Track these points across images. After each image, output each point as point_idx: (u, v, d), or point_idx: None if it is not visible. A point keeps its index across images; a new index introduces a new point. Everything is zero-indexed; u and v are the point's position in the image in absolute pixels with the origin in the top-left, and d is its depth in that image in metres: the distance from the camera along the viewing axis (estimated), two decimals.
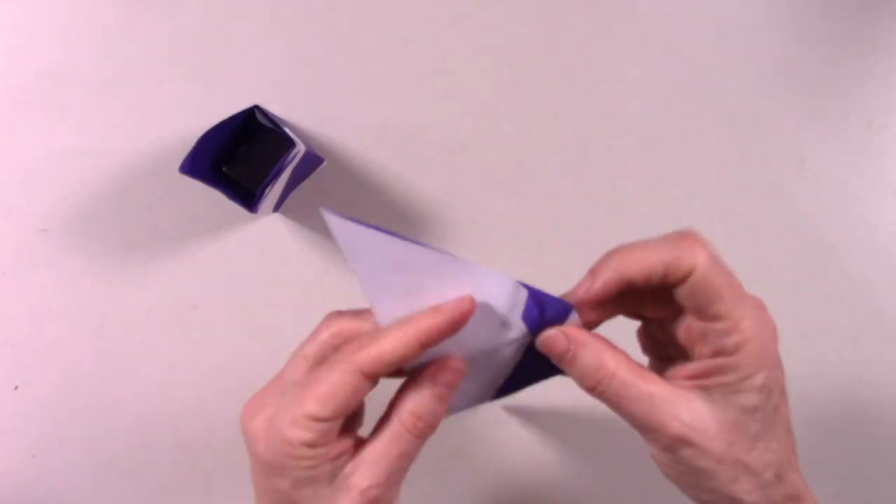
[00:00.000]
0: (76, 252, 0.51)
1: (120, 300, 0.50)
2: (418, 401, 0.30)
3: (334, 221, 0.29)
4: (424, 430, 0.30)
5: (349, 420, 0.31)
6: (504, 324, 0.31)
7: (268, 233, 0.51)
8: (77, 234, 0.51)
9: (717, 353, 0.29)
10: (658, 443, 0.30)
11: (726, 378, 0.29)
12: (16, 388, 0.50)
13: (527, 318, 0.31)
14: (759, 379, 0.29)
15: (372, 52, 0.51)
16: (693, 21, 0.52)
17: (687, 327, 0.31)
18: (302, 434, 0.29)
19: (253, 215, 0.50)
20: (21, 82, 0.51)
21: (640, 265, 0.30)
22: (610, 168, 0.51)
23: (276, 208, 0.51)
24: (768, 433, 0.30)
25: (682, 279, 0.30)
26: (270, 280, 0.51)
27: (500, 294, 0.30)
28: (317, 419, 0.29)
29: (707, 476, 0.30)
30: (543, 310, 0.31)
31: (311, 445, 0.29)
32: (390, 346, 0.29)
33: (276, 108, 0.51)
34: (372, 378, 0.29)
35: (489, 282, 0.30)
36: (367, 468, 0.30)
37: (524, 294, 0.30)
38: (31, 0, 0.51)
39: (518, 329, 0.31)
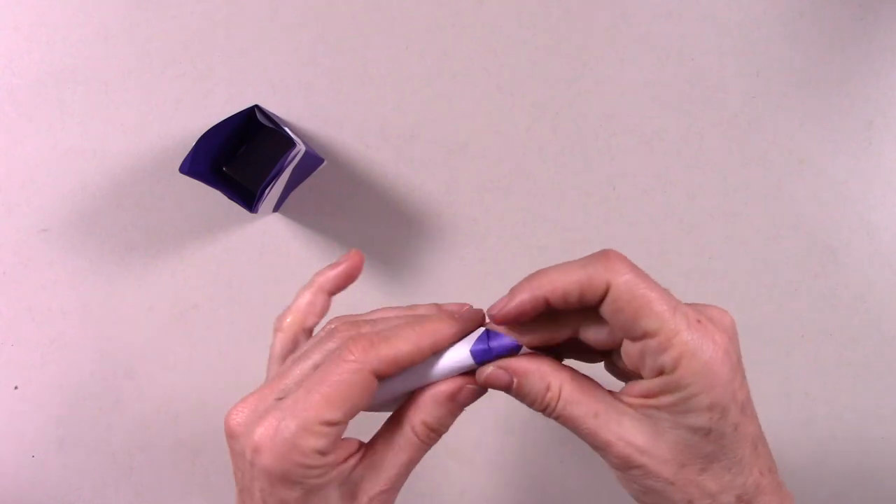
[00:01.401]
0: (76, 252, 0.51)
1: (120, 300, 0.50)
2: (434, 413, 0.30)
3: None
4: (435, 440, 0.31)
5: None
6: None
7: (268, 233, 0.51)
8: (77, 234, 0.51)
9: (659, 373, 0.28)
10: (608, 461, 0.29)
11: (671, 398, 0.28)
12: (16, 388, 0.50)
13: (475, 350, 0.31)
14: (705, 399, 0.27)
15: (372, 52, 0.51)
16: (693, 21, 0.52)
17: (626, 351, 0.29)
18: (314, 441, 0.27)
19: (253, 215, 0.50)
20: (21, 82, 0.51)
21: (554, 284, 0.29)
22: (610, 168, 0.51)
23: (276, 208, 0.51)
24: (726, 454, 0.28)
25: (600, 297, 0.28)
26: (270, 280, 0.51)
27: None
28: (329, 424, 0.28)
29: (660, 497, 0.29)
30: (490, 341, 0.31)
31: (323, 453, 0.28)
32: (406, 348, 0.29)
33: (276, 108, 0.51)
34: (382, 378, 0.29)
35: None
36: (376, 475, 0.30)
37: (480, 330, 0.31)
38: (32, 0, 0.51)
39: (465, 360, 0.31)
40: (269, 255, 0.51)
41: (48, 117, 0.51)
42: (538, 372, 0.30)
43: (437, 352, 0.30)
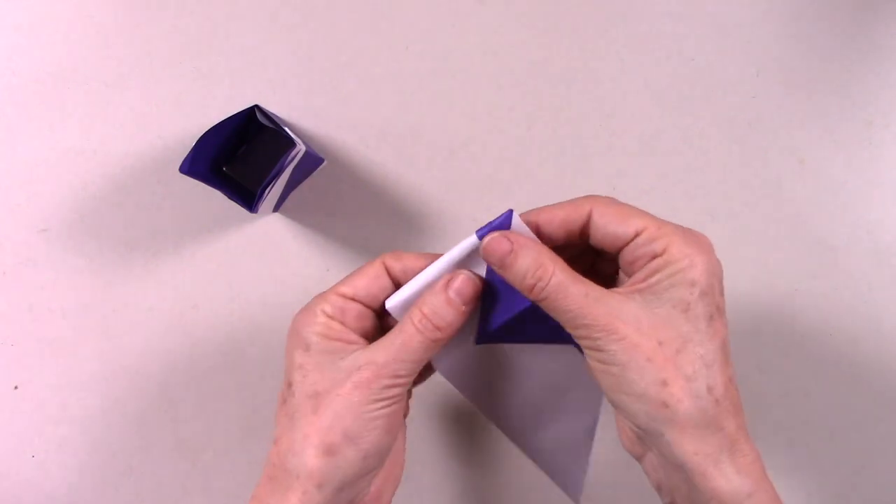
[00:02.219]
0: (76, 252, 0.51)
1: (120, 300, 0.51)
2: (429, 300, 0.33)
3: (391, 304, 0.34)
4: (430, 328, 0.32)
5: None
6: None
7: (268, 233, 0.51)
8: (77, 234, 0.51)
9: (651, 259, 0.31)
10: (590, 340, 0.30)
11: (659, 275, 0.30)
12: (16, 388, 0.50)
13: (478, 232, 0.33)
14: (690, 274, 0.30)
15: (372, 52, 0.51)
16: (693, 21, 0.52)
17: (622, 262, 0.32)
18: (323, 304, 0.33)
19: (253, 215, 0.51)
20: (21, 82, 0.51)
21: (542, 216, 0.34)
22: (610, 168, 0.51)
23: (276, 208, 0.51)
24: (701, 340, 0.30)
25: (585, 221, 0.33)
26: (270, 280, 0.51)
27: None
28: (338, 293, 0.33)
29: (636, 376, 0.30)
30: (490, 223, 0.33)
31: (328, 314, 0.33)
32: (410, 255, 0.34)
33: (276, 108, 0.51)
34: (391, 273, 0.34)
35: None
36: (369, 353, 0.32)
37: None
38: (32, 0, 0.51)
39: (471, 242, 0.33)
40: (269, 255, 0.51)
41: (48, 117, 0.51)
42: (536, 248, 0.32)
43: (449, 269, 0.34)
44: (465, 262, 0.34)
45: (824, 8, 0.52)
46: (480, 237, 0.33)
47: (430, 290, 0.33)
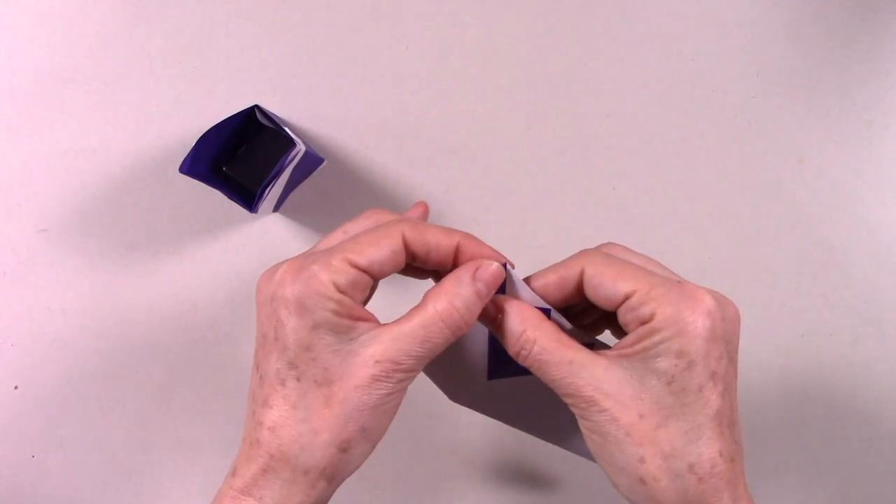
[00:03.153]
0: (76, 252, 0.51)
1: (120, 300, 0.50)
2: (456, 290, 0.30)
3: None
4: (458, 323, 0.30)
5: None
6: None
7: (268, 233, 0.51)
8: (77, 234, 0.51)
9: (640, 324, 0.29)
10: (576, 408, 0.30)
11: (646, 342, 0.29)
12: (16, 388, 0.50)
13: None
14: (676, 344, 0.28)
15: (372, 52, 0.51)
16: (693, 21, 0.52)
17: (619, 320, 0.31)
18: (333, 275, 0.29)
19: (253, 215, 0.50)
20: (21, 82, 0.51)
21: (537, 282, 0.33)
22: (610, 168, 0.51)
23: (276, 208, 0.51)
24: (685, 414, 0.29)
25: (578, 282, 0.32)
26: None
27: None
28: (351, 263, 0.29)
29: (616, 449, 0.29)
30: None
31: (340, 288, 0.29)
32: (434, 231, 0.31)
33: (276, 108, 0.51)
34: (410, 249, 0.31)
35: None
36: (387, 342, 0.30)
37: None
38: (32, 0, 0.51)
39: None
40: (269, 255, 0.51)
41: (48, 117, 0.51)
42: (521, 315, 0.31)
43: (463, 251, 0.32)
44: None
45: (824, 8, 0.52)
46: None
47: (456, 280, 0.31)
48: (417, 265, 0.33)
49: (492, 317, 0.31)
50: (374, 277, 0.30)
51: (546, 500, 0.51)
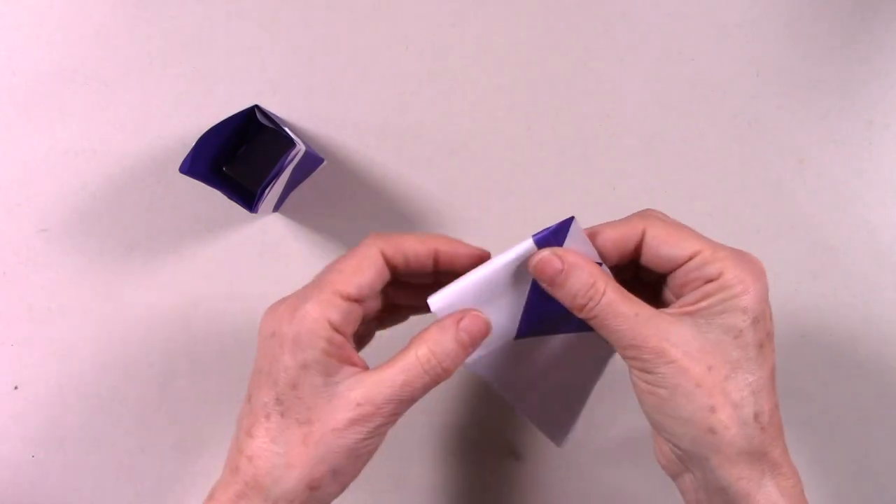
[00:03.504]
0: (76, 252, 0.51)
1: (120, 300, 0.50)
2: (438, 338, 0.31)
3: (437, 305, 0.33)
4: (436, 370, 0.31)
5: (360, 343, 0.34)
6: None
7: (268, 233, 0.51)
8: (77, 234, 0.51)
9: (705, 283, 0.31)
10: (638, 361, 0.30)
11: (712, 299, 0.30)
12: (16, 388, 0.50)
13: (535, 237, 0.33)
14: (743, 300, 0.30)
15: (372, 52, 0.51)
16: (693, 21, 0.52)
17: (672, 284, 0.32)
18: (327, 311, 0.30)
19: (253, 215, 0.51)
20: (21, 82, 0.51)
21: (604, 242, 0.33)
22: (610, 168, 0.51)
23: (276, 208, 0.51)
24: (750, 367, 0.30)
25: (637, 242, 0.33)
26: (270, 280, 0.51)
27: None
28: (340, 295, 0.31)
29: (684, 400, 0.30)
30: (548, 229, 0.33)
31: (333, 325, 0.31)
32: (409, 240, 0.33)
33: (276, 108, 0.51)
34: (390, 263, 0.32)
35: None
36: (370, 386, 0.31)
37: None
38: (32, 0, 0.51)
39: (527, 247, 0.33)
40: (269, 255, 0.51)
41: (48, 117, 0.51)
42: (587, 267, 0.31)
43: (440, 259, 0.33)
44: (517, 266, 0.33)
45: (824, 8, 0.52)
46: (537, 241, 0.33)
47: (440, 328, 0.32)
48: (402, 279, 0.34)
49: (553, 274, 0.32)
50: (364, 302, 0.32)
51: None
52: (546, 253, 0.32)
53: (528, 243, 0.33)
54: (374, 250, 0.32)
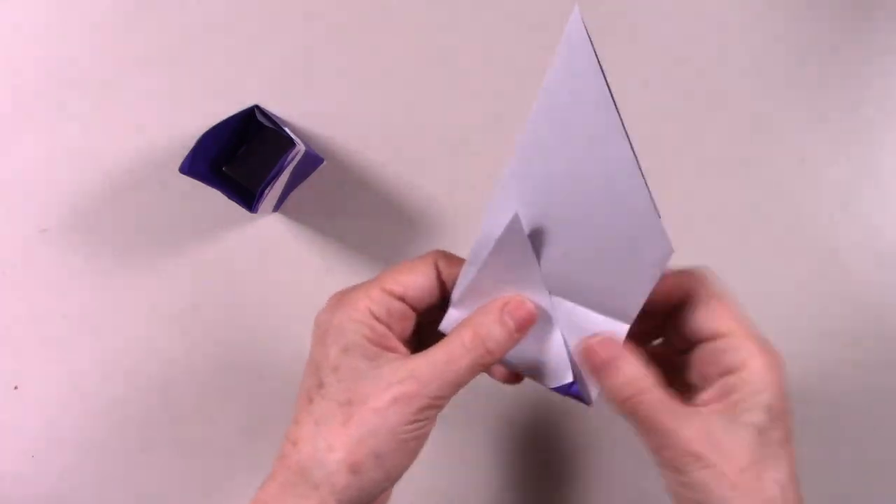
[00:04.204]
0: (76, 252, 0.51)
1: (120, 300, 0.50)
2: (481, 320, 0.31)
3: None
4: (480, 350, 0.31)
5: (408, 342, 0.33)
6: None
7: (268, 233, 0.51)
8: (77, 234, 0.51)
9: (726, 372, 0.30)
10: (674, 463, 0.30)
11: (736, 396, 0.30)
12: (16, 388, 0.50)
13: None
14: (765, 397, 0.30)
15: (372, 52, 0.51)
16: (693, 21, 0.52)
17: (697, 356, 0.31)
18: (369, 303, 0.31)
19: (253, 215, 0.51)
20: (21, 82, 0.51)
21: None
22: None
23: (276, 208, 0.51)
24: (776, 464, 0.30)
25: (682, 299, 0.32)
26: (270, 280, 0.51)
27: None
28: (386, 291, 0.31)
29: (719, 502, 0.29)
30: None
31: (375, 315, 0.31)
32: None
33: (276, 108, 0.51)
34: (441, 279, 0.32)
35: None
36: (412, 367, 0.30)
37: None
38: (31, 0, 0.51)
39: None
40: (269, 255, 0.51)
41: (48, 117, 0.51)
42: (637, 361, 0.31)
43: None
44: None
45: (824, 8, 0.52)
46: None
47: (484, 311, 0.32)
48: None
49: (605, 359, 0.31)
50: (410, 303, 0.32)
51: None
52: (598, 339, 0.32)
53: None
54: (430, 259, 0.33)
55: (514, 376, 0.35)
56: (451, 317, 0.33)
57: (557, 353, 0.33)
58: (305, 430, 0.30)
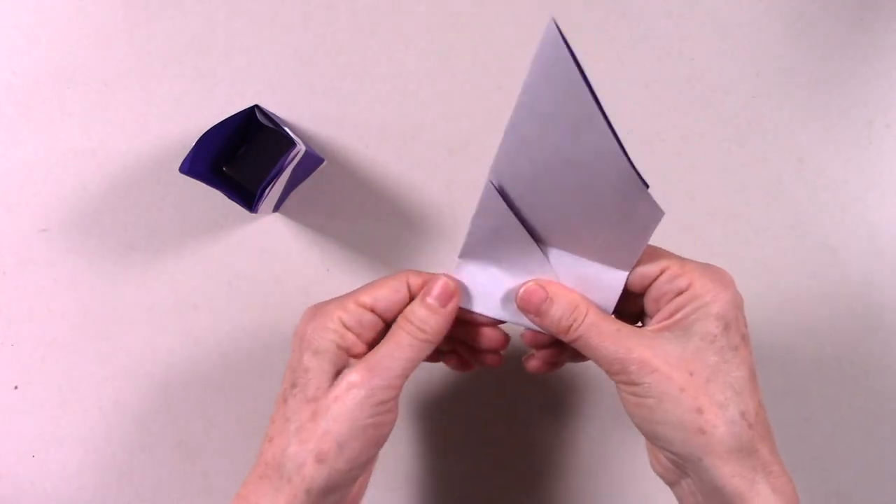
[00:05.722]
0: (76, 252, 0.51)
1: (120, 300, 0.50)
2: (411, 307, 0.35)
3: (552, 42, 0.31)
4: (413, 331, 0.34)
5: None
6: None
7: (268, 233, 0.51)
8: (77, 234, 0.51)
9: (675, 296, 0.33)
10: (624, 374, 0.32)
11: (685, 310, 0.32)
12: (16, 388, 0.50)
13: None
14: (714, 307, 0.32)
15: (372, 52, 0.51)
16: (693, 21, 0.52)
17: (648, 298, 0.34)
18: (342, 313, 0.34)
19: (253, 215, 0.51)
20: (21, 82, 0.51)
21: None
22: None
23: (276, 208, 0.51)
24: (729, 370, 0.32)
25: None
26: (270, 280, 0.51)
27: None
28: (357, 302, 0.34)
29: (671, 405, 0.31)
30: None
31: (345, 324, 0.34)
32: (442, 279, 0.35)
33: (276, 108, 0.51)
34: (413, 291, 0.35)
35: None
36: (365, 358, 0.34)
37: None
38: (32, 0, 0.51)
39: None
40: (269, 255, 0.51)
41: (48, 117, 0.51)
42: (569, 295, 0.34)
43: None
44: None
45: (824, 8, 0.52)
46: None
47: (415, 300, 0.35)
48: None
49: (538, 303, 0.34)
50: (380, 314, 0.35)
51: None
52: (531, 284, 0.35)
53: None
54: (401, 275, 0.36)
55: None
56: (458, 266, 0.36)
57: None
58: (279, 427, 0.33)
